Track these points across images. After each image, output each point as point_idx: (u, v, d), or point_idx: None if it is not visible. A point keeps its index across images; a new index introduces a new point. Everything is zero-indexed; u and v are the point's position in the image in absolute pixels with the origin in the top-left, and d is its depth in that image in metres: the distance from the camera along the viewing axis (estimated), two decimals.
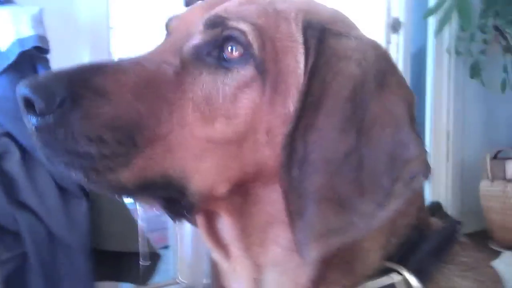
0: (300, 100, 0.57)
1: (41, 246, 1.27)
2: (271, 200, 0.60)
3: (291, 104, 0.58)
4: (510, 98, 3.21)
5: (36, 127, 0.53)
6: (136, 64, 0.58)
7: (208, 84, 0.59)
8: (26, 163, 1.28)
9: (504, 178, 3.05)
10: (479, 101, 3.40)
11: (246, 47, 0.59)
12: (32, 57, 1.32)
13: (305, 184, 0.55)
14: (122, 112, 0.54)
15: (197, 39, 0.61)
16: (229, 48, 0.59)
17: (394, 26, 2.96)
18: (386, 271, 0.61)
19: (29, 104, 0.53)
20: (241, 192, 0.61)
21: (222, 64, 0.59)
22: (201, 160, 0.58)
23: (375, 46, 0.61)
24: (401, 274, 0.60)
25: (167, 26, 0.70)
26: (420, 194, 0.67)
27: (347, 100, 0.57)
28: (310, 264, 0.60)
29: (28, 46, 1.28)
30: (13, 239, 1.25)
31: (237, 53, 0.59)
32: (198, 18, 0.64)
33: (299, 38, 0.60)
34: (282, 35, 0.60)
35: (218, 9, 0.62)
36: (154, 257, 1.49)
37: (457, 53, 3.02)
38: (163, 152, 0.56)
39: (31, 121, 0.54)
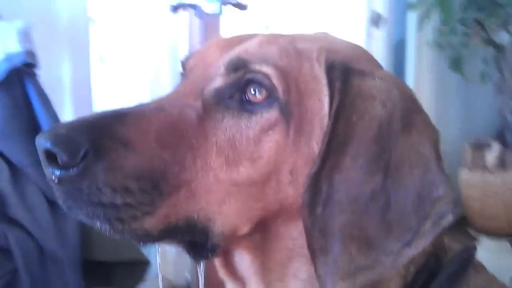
0: (325, 141, 0.57)
1: (32, 261, 1.28)
2: (292, 236, 0.61)
3: (315, 144, 0.59)
4: (489, 89, 3.25)
5: (58, 179, 0.52)
6: (158, 110, 0.58)
7: (231, 128, 0.58)
8: (15, 180, 1.28)
9: (483, 167, 3.12)
10: (459, 92, 3.44)
11: (270, 90, 0.58)
12: (20, 72, 1.31)
13: (330, 223, 0.55)
14: (146, 161, 0.54)
15: (218, 82, 0.60)
16: (252, 91, 0.59)
17: (375, 20, 2.96)
18: None
19: (50, 156, 0.52)
20: (262, 229, 0.61)
21: (245, 107, 0.59)
22: (225, 203, 0.58)
23: (399, 85, 0.62)
24: None
25: (183, 64, 0.69)
26: None
27: (373, 141, 0.57)
28: None
29: (16, 62, 1.27)
30: (3, 256, 1.26)
31: (260, 96, 0.59)
32: (217, 58, 0.63)
33: (323, 79, 0.60)
34: (306, 77, 0.60)
35: (239, 51, 0.62)
36: (144, 264, 1.51)
37: (438, 46, 3.04)
38: (187, 197, 0.56)
39: (53, 173, 0.52)
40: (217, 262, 0.67)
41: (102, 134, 0.52)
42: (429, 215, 0.56)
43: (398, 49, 3.20)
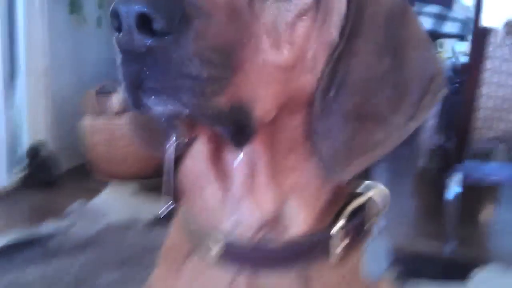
0: (342, 28, 0.62)
1: None
2: (293, 126, 0.63)
3: (334, 32, 0.62)
4: (107, 34, 3.28)
5: (149, 48, 0.48)
6: None
7: (274, 10, 0.58)
8: None
9: (108, 112, 3.16)
10: (76, 37, 3.40)
11: None
12: None
13: (341, 105, 0.60)
14: (223, 33, 0.52)
15: None
16: None
17: None
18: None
19: (143, 22, 0.48)
20: (273, 119, 0.61)
21: None
22: (265, 86, 0.57)
23: None
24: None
25: None
26: None
27: (381, 26, 0.63)
28: (327, 187, 0.66)
29: None
30: None
31: None
32: None
33: None
34: None
35: None
36: None
37: None
38: (243, 78, 0.54)
39: (142, 41, 0.48)
40: (207, 159, 0.67)
41: (188, 1, 0.49)
42: (428, 90, 0.63)
43: None
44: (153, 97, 0.51)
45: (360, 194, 0.70)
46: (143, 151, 0.75)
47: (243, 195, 0.66)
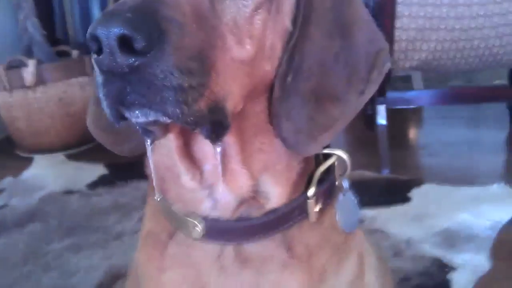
0: (294, 16, 0.65)
1: None
2: (256, 113, 0.66)
3: (287, 20, 0.65)
4: (10, 6, 3.14)
5: (132, 68, 0.50)
6: None
7: (233, 8, 0.60)
8: None
9: (23, 87, 3.07)
10: None
11: None
12: None
13: (299, 88, 0.64)
14: (196, 41, 0.54)
15: None
16: None
17: None
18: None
19: (124, 43, 0.49)
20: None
21: None
22: (234, 81, 0.59)
23: None
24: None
25: None
26: None
27: (328, 9, 0.66)
28: (295, 161, 0.70)
29: None
30: None
31: None
32: None
33: None
34: None
35: None
36: None
37: None
38: (216, 78, 0.56)
39: (124, 62, 0.49)
40: (177, 152, 0.68)
41: (161, 17, 0.51)
42: (375, 65, 0.67)
43: None
44: (136, 111, 0.53)
45: (325, 158, 0.75)
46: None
47: (217, 181, 0.69)
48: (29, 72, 3.02)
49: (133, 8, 0.50)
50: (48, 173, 2.76)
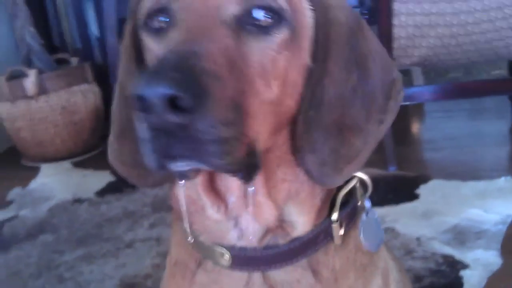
0: (313, 53, 0.66)
1: None
2: (279, 145, 0.67)
3: (306, 57, 0.66)
4: (5, 16, 3.14)
5: (180, 127, 0.51)
6: (208, 41, 0.57)
7: (258, 51, 0.61)
8: None
9: (25, 97, 3.07)
10: None
11: (279, 11, 0.63)
12: None
13: (321, 122, 0.65)
14: (230, 91, 0.54)
15: (234, 9, 0.62)
16: (262, 14, 0.62)
17: None
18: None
19: (170, 102, 0.49)
20: None
21: (262, 30, 0.62)
22: (265, 122, 0.60)
23: None
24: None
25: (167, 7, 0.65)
26: None
27: (345, 44, 0.67)
28: (319, 187, 0.70)
29: None
30: None
31: (271, 19, 0.62)
32: None
33: None
34: None
35: None
36: None
37: None
38: (251, 125, 0.57)
39: (172, 119, 0.50)
40: (201, 187, 0.69)
41: (199, 72, 0.52)
42: (391, 95, 0.69)
43: None
44: (179, 162, 0.55)
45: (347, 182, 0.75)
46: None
47: (242, 212, 0.70)
48: (30, 82, 3.03)
49: (175, 67, 0.51)
50: (55, 182, 2.76)
